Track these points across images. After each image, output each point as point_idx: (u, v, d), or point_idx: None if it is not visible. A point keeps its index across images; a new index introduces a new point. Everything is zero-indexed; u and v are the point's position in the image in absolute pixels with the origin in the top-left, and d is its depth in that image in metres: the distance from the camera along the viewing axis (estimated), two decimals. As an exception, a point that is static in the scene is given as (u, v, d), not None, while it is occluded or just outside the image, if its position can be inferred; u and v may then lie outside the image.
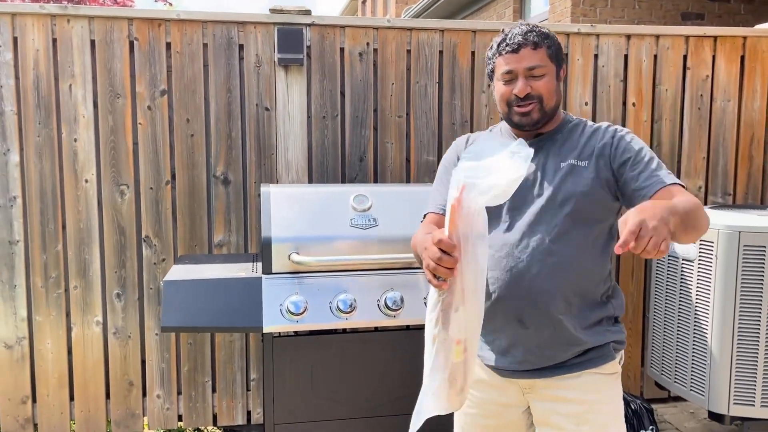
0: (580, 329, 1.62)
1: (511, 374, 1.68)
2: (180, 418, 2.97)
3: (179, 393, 2.95)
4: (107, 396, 2.91)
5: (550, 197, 1.61)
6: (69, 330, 2.85)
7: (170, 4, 11.11)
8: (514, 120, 1.69)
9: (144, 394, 2.93)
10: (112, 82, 2.78)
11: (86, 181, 2.79)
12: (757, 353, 2.38)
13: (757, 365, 2.39)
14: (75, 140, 2.77)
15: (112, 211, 2.82)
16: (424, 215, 1.83)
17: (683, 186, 1.56)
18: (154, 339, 2.90)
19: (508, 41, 1.65)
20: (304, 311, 2.10)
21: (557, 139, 1.70)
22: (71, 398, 2.88)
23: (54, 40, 2.73)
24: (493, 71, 1.72)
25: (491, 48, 1.72)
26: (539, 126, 1.68)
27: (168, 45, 2.81)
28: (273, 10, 2.88)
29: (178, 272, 2.23)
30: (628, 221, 1.22)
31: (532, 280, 1.59)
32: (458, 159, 1.70)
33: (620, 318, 1.72)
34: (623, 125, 3.18)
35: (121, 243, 2.84)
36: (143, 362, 2.92)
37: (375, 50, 2.96)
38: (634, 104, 3.18)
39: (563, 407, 1.62)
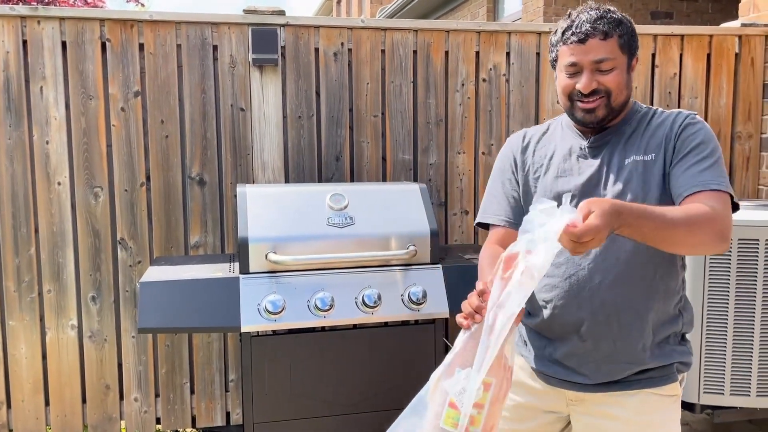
0: (645, 347, 1.49)
1: (560, 383, 1.57)
2: (158, 421, 2.95)
3: (157, 396, 2.94)
4: (83, 400, 2.88)
5: (616, 198, 1.47)
6: (43, 334, 2.82)
7: (142, 5, 11.00)
8: (576, 116, 1.55)
9: (121, 398, 2.91)
10: (84, 84, 2.75)
11: (59, 183, 2.76)
12: (726, 343, 2.45)
13: (725, 355, 2.45)
14: (47, 143, 2.74)
15: (86, 214, 2.80)
16: (481, 224, 1.72)
17: (730, 194, 1.43)
18: (131, 342, 2.89)
19: (574, 29, 1.48)
20: (282, 310, 2.10)
21: (624, 131, 1.56)
22: (47, 403, 2.85)
23: (24, 42, 2.69)
24: (555, 60, 1.57)
25: (555, 33, 1.56)
26: (604, 122, 1.55)
27: (141, 46, 2.79)
28: (247, 11, 2.88)
29: (155, 273, 2.23)
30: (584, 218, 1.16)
31: (594, 291, 1.47)
32: (515, 161, 1.67)
33: (687, 335, 1.60)
34: (594, 122, 3.23)
35: (95, 246, 2.82)
36: (120, 365, 2.90)
37: (350, 50, 2.98)
38: (604, 102, 3.23)
39: (611, 425, 1.51)
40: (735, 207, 1.49)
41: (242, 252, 2.17)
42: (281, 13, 2.90)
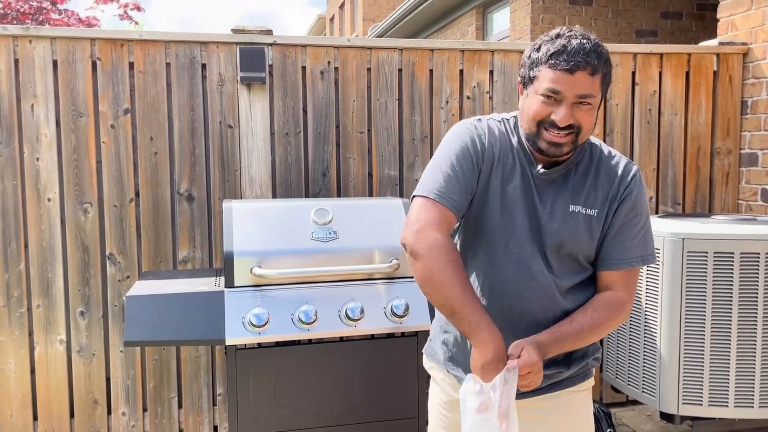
0: (562, 356, 1.56)
1: None
2: (146, 435, 2.97)
3: (145, 410, 2.96)
4: (71, 414, 2.90)
5: (549, 240, 1.52)
6: (32, 349, 2.84)
7: (136, 23, 11.13)
8: (540, 145, 1.48)
9: (109, 412, 2.93)
10: (74, 102, 2.80)
11: (49, 199, 2.80)
12: (703, 355, 2.49)
13: (703, 366, 2.50)
14: (37, 159, 2.78)
15: (75, 229, 2.83)
16: (419, 196, 1.53)
17: (651, 263, 1.56)
18: (119, 356, 2.91)
19: (566, 56, 1.39)
20: (266, 323, 2.14)
21: (571, 172, 1.54)
22: (35, 417, 2.87)
23: (16, 61, 2.75)
24: (532, 79, 1.46)
25: (537, 49, 1.46)
26: (561, 157, 1.50)
27: (131, 64, 2.85)
28: (235, 30, 2.94)
29: (141, 288, 2.26)
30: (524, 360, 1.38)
31: (522, 305, 1.53)
32: (480, 155, 1.54)
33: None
34: (576, 139, 3.29)
35: (84, 261, 2.85)
36: (108, 380, 2.92)
37: (336, 69, 3.04)
38: (586, 118, 3.30)
39: (540, 427, 1.59)
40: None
41: (227, 266, 2.21)
42: (269, 32, 2.97)
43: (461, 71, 3.17)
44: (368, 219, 2.44)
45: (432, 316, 2.27)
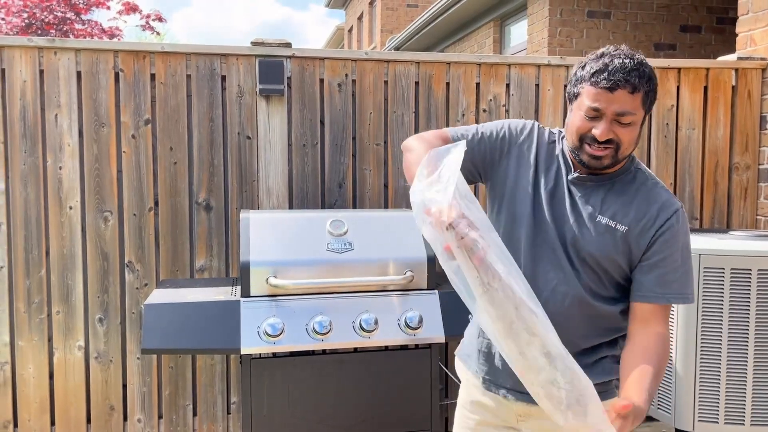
0: (584, 363, 1.49)
1: (507, 393, 1.64)
2: (161, 442, 3.00)
3: (160, 417, 2.99)
4: (88, 420, 2.93)
5: (573, 245, 1.57)
6: (51, 355, 2.88)
7: (158, 33, 11.31)
8: (582, 158, 1.55)
9: (125, 419, 2.96)
10: (97, 112, 2.86)
11: (70, 207, 2.86)
12: (719, 372, 2.47)
13: (719, 384, 2.48)
14: (60, 168, 2.84)
15: (95, 237, 2.88)
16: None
17: (689, 302, 1.58)
18: (136, 363, 2.95)
19: (607, 75, 1.47)
20: (281, 333, 2.16)
21: (608, 186, 1.59)
22: (52, 423, 2.91)
23: (41, 72, 2.81)
24: (576, 96, 1.55)
25: (582, 67, 1.54)
26: (605, 170, 1.57)
27: (152, 76, 2.90)
28: (255, 43, 2.99)
29: (159, 296, 2.30)
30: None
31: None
32: (517, 149, 1.65)
33: None
34: (593, 152, 3.29)
35: (104, 268, 2.90)
36: (124, 386, 2.95)
37: (353, 81, 3.08)
38: (603, 132, 3.30)
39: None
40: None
41: (243, 276, 2.24)
42: (288, 45, 3.01)
43: (478, 84, 3.19)
44: (383, 231, 2.45)
45: (445, 328, 2.29)
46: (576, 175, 1.60)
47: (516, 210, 1.63)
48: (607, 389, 1.60)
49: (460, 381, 1.84)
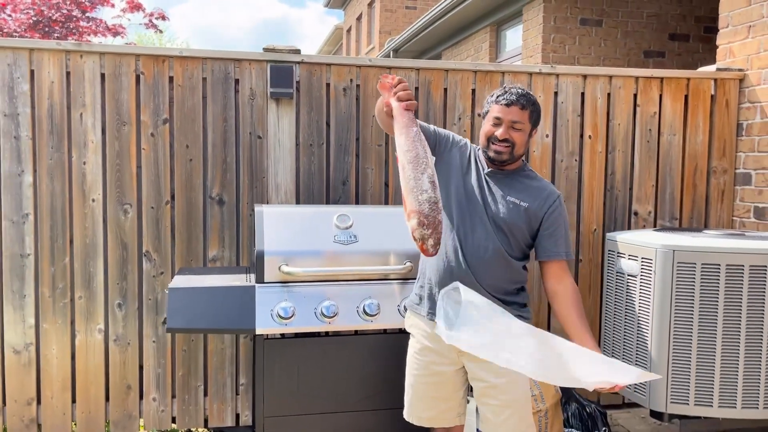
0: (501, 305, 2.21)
1: None
2: (174, 420, 3.22)
3: (173, 396, 3.20)
4: (107, 398, 3.15)
5: (493, 216, 2.26)
6: (73, 337, 3.10)
7: (160, 31, 11.48)
8: (489, 153, 2.27)
9: (141, 397, 3.18)
10: (119, 111, 3.07)
11: (93, 200, 3.07)
12: (690, 357, 2.71)
13: (690, 368, 2.71)
14: (84, 163, 3.05)
15: (115, 228, 3.10)
16: None
17: (572, 258, 2.41)
18: (152, 346, 3.16)
19: (506, 97, 2.22)
20: (292, 316, 2.39)
21: (512, 178, 2.33)
22: (73, 400, 3.12)
23: (68, 73, 3.02)
24: (486, 113, 2.29)
25: (492, 95, 2.29)
26: (504, 165, 2.29)
27: (171, 78, 3.12)
28: (266, 49, 3.21)
29: (181, 281, 2.52)
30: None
31: (473, 267, 2.23)
32: (456, 148, 2.37)
33: (527, 304, 2.39)
34: (580, 156, 3.53)
35: (123, 257, 3.11)
36: (141, 367, 3.17)
37: (358, 86, 3.30)
38: (590, 137, 3.54)
39: (487, 364, 2.12)
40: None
41: (258, 263, 2.46)
42: (297, 51, 3.23)
43: (473, 90, 3.41)
44: (385, 225, 2.68)
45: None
46: (489, 170, 2.32)
47: (456, 188, 2.31)
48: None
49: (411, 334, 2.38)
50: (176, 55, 3.12)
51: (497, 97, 2.25)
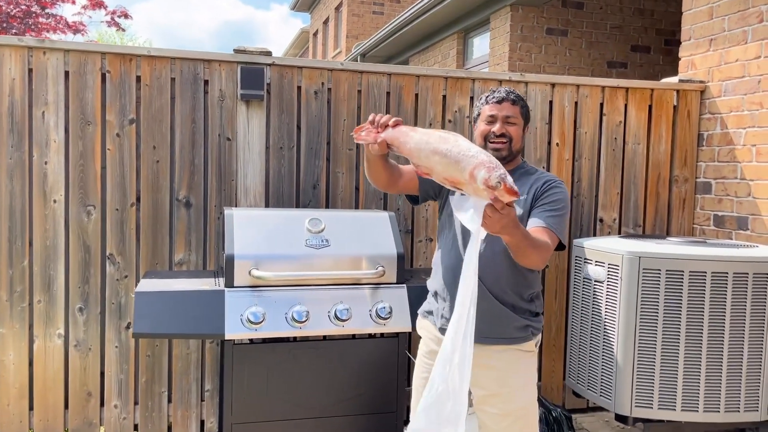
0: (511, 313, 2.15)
1: None
2: (136, 428, 3.13)
3: (136, 403, 3.12)
4: (66, 406, 3.05)
5: None
6: (31, 342, 2.99)
7: (123, 30, 11.25)
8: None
9: (102, 404, 3.09)
10: (83, 111, 2.99)
11: (54, 201, 2.98)
12: (654, 362, 2.76)
13: (654, 372, 2.76)
14: (45, 163, 2.96)
15: (78, 230, 3.01)
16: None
17: (560, 239, 2.12)
18: (114, 351, 3.08)
19: (495, 95, 2.24)
20: (262, 321, 2.35)
21: (513, 175, 2.13)
22: (30, 408, 3.01)
23: (30, 70, 2.93)
24: (479, 115, 2.28)
25: (480, 99, 2.30)
26: (505, 162, 2.15)
27: (138, 78, 3.05)
28: (237, 50, 3.17)
29: (148, 285, 2.46)
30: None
31: (481, 275, 2.05)
32: None
33: (541, 314, 2.27)
34: (548, 163, 3.58)
35: (85, 260, 3.02)
36: (102, 374, 3.08)
37: (329, 89, 3.28)
38: (557, 144, 3.59)
39: (488, 375, 2.13)
40: (562, 246, 2.17)
41: (228, 267, 2.42)
42: (268, 53, 3.20)
43: (444, 96, 3.43)
44: (357, 229, 2.67)
45: (412, 319, 2.51)
46: None
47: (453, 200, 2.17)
48: (525, 334, 2.18)
49: (420, 336, 2.33)
50: (144, 54, 3.05)
51: (486, 97, 2.25)
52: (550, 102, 3.58)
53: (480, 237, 1.82)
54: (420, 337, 2.35)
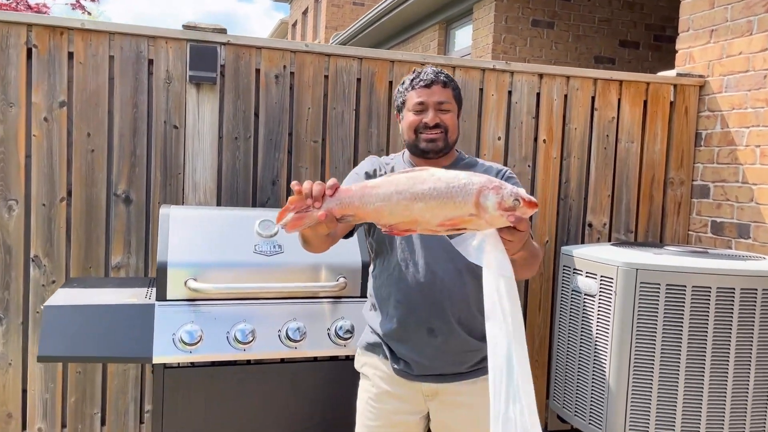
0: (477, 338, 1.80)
1: (416, 378, 1.82)
2: (64, 454, 2.75)
3: (63, 426, 2.74)
4: (-19, 429, 2.66)
5: None
6: (-60, 356, 2.60)
7: (89, 13, 10.73)
8: (420, 146, 1.87)
9: (24, 427, 2.70)
10: (5, 90, 2.59)
11: (-30, 194, 2.58)
12: (651, 387, 2.45)
13: (651, 398, 2.45)
14: (-41, 150, 2.56)
15: (-3, 228, 2.61)
16: None
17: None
18: (38, 367, 2.69)
19: (422, 77, 1.87)
20: (198, 341, 1.99)
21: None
22: (-61, 432, 2.62)
23: (-59, 41, 2.52)
24: (403, 103, 1.91)
25: (403, 84, 1.93)
26: (441, 155, 1.87)
27: (70, 55, 2.66)
28: (186, 26, 2.79)
29: (63, 296, 2.07)
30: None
31: (437, 294, 1.80)
32: (375, 174, 1.89)
33: None
34: (534, 161, 3.26)
35: (5, 262, 2.63)
36: (24, 392, 2.69)
37: (292, 74, 2.92)
38: (545, 141, 3.27)
39: (464, 412, 1.83)
40: None
41: (160, 277, 2.04)
42: (222, 31, 2.82)
43: (421, 85, 3.08)
44: (316, 233, 2.30)
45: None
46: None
47: None
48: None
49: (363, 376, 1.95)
50: (77, 27, 2.66)
51: (411, 81, 1.89)
52: (537, 94, 3.25)
53: (491, 269, 1.44)
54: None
